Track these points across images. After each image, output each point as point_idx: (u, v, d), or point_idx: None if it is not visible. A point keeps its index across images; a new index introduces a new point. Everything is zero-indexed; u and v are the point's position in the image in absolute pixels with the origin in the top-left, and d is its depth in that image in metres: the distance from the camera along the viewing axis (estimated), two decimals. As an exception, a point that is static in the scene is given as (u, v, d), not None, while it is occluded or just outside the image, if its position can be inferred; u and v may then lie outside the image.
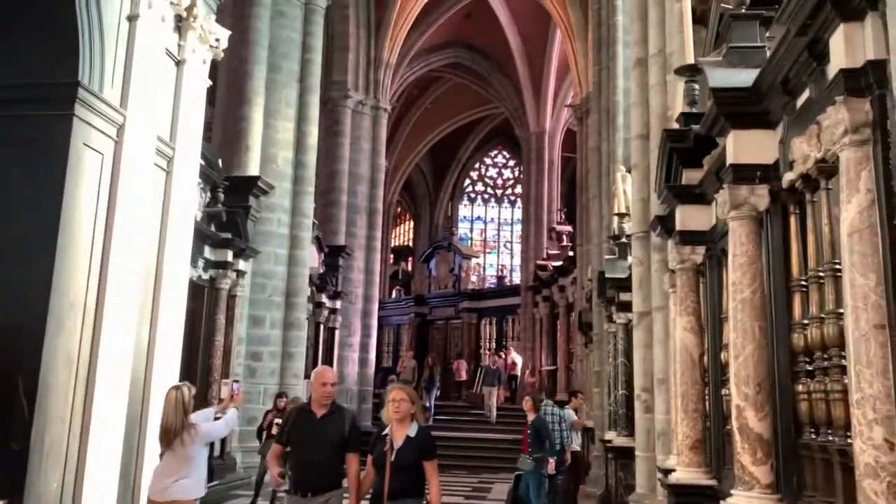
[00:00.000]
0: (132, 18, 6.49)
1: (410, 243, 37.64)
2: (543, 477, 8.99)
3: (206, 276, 10.80)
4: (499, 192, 37.98)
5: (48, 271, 5.45)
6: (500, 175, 38.06)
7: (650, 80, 6.76)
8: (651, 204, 6.41)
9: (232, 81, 13.35)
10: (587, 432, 12.38)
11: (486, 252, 36.67)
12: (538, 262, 23.96)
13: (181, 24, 7.37)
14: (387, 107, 21.88)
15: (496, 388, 20.60)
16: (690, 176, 4.44)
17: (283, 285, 13.55)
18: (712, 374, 4.28)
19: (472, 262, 28.78)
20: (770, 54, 3.20)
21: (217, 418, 5.77)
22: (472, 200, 37.92)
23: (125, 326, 6.29)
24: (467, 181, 37.75)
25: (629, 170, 8.03)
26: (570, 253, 20.54)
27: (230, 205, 11.45)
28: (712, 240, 4.28)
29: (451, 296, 26.89)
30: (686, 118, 4.56)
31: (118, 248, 6.15)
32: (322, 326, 17.13)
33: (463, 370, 24.10)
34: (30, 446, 5.25)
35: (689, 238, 4.44)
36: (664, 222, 4.98)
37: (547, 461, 9.07)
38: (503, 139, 34.61)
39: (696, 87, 4.60)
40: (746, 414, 3.19)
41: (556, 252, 23.95)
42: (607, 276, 9.14)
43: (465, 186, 37.75)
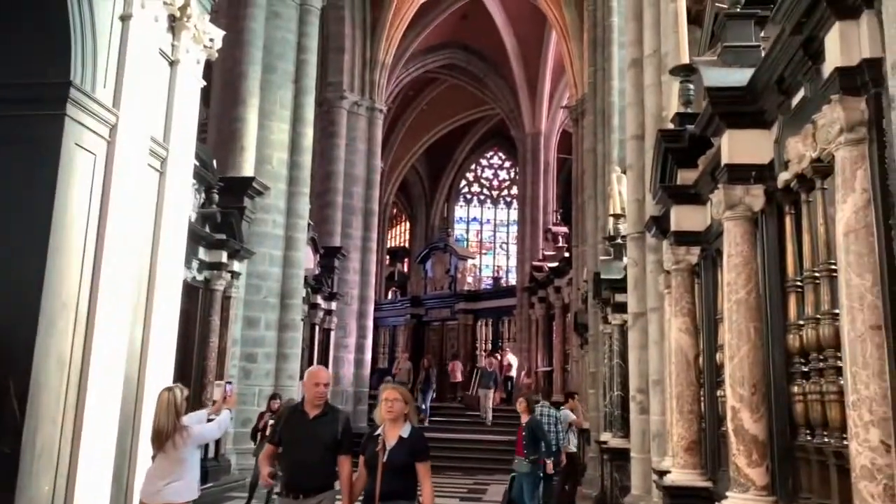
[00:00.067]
0: (125, 18, 6.46)
1: (406, 244, 37.65)
2: (539, 479, 8.97)
3: (200, 277, 10.77)
4: (494, 193, 37.99)
5: (40, 272, 5.42)
6: (496, 176, 38.08)
7: (645, 80, 6.75)
8: (646, 205, 6.39)
9: (227, 82, 13.32)
10: (583, 433, 12.38)
11: (482, 253, 36.65)
12: (534, 263, 23.98)
13: (175, 24, 7.34)
14: (382, 108, 21.88)
15: (492, 390, 20.56)
16: (685, 176, 4.41)
17: (278, 286, 13.53)
18: (707, 376, 4.26)
19: (468, 263, 28.73)
20: (765, 53, 3.18)
21: (210, 420, 5.75)
22: (468, 201, 37.93)
23: (118, 327, 6.26)
24: (463, 182, 37.76)
25: (624, 170, 8.02)
26: (566, 254, 20.55)
27: (225, 206, 11.42)
28: (707, 240, 4.26)
29: (447, 297, 26.85)
30: (681, 118, 4.53)
31: (111, 248, 6.11)
32: (317, 328, 17.11)
33: (458, 371, 24.04)
34: (21, 448, 5.21)
35: (684, 239, 4.41)
36: (659, 223, 4.96)
37: (544, 463, 9.05)
38: (499, 140, 34.60)
39: (691, 87, 4.58)
40: (742, 415, 3.17)
41: (552, 253, 23.97)
42: (603, 277, 9.12)
43: (461, 187, 37.76)
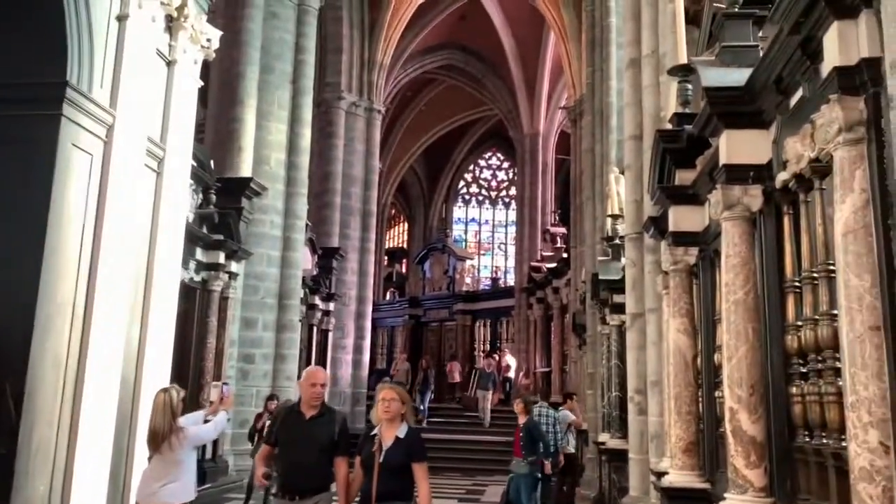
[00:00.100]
0: (122, 18, 6.45)
1: (405, 245, 37.63)
2: (537, 480, 8.96)
3: (197, 277, 10.75)
4: (493, 193, 37.98)
5: (36, 272, 5.41)
6: (495, 177, 38.07)
7: (643, 80, 6.73)
8: (644, 205, 6.38)
9: (224, 82, 13.31)
10: (581, 434, 12.37)
11: (481, 254, 36.65)
12: (532, 263, 23.97)
13: (172, 24, 7.33)
14: (381, 108, 21.86)
15: (490, 391, 20.51)
16: (683, 177, 4.40)
17: (275, 287, 13.50)
18: (706, 376, 4.24)
19: (467, 263, 28.71)
20: (763, 53, 3.17)
21: (207, 421, 5.73)
22: (467, 202, 37.93)
23: (115, 328, 6.24)
24: (461, 183, 37.74)
25: (622, 171, 8.01)
26: (564, 255, 20.53)
27: (222, 206, 11.41)
28: (705, 241, 4.25)
29: (446, 298, 26.82)
30: (679, 119, 4.52)
31: (108, 249, 6.10)
32: (315, 328, 17.08)
33: (456, 372, 24.01)
34: (16, 448, 5.21)
35: (682, 239, 4.40)
36: (657, 223, 4.95)
37: (542, 464, 9.04)
38: (497, 141, 34.58)
39: (689, 87, 4.56)
40: (740, 416, 3.16)
41: (550, 254, 23.96)
42: (601, 277, 9.12)
43: (460, 188, 37.75)
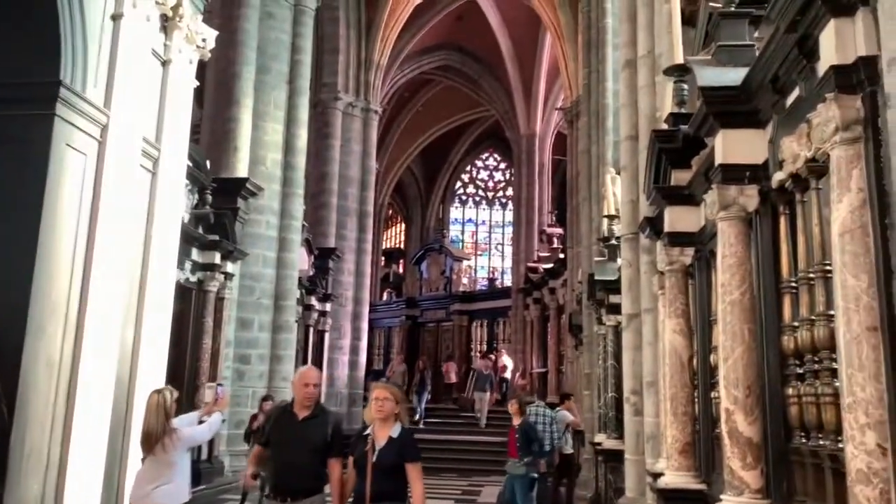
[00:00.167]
0: (116, 17, 6.42)
1: (401, 246, 37.60)
2: (533, 480, 8.95)
3: (193, 278, 10.71)
4: (490, 194, 37.99)
5: (29, 273, 5.37)
6: (491, 178, 38.08)
7: (639, 81, 6.72)
8: (640, 206, 6.36)
9: (220, 82, 13.26)
10: (577, 435, 12.35)
11: (477, 254, 36.66)
12: (529, 264, 23.95)
13: (167, 23, 7.30)
14: (377, 109, 21.83)
15: (488, 393, 20.45)
16: (679, 177, 4.39)
17: (271, 288, 13.47)
18: (702, 377, 4.23)
19: (464, 264, 28.72)
20: (759, 52, 3.15)
21: (201, 422, 5.70)
22: (464, 203, 37.92)
23: (109, 329, 6.21)
24: (458, 184, 37.74)
25: (618, 172, 7.99)
26: (561, 255, 20.51)
27: (218, 207, 11.36)
28: (701, 241, 4.24)
29: (442, 298, 26.80)
30: (675, 119, 4.50)
31: (102, 249, 6.07)
32: (311, 329, 17.06)
33: (453, 372, 23.96)
34: (9, 449, 5.17)
35: (677, 239, 4.39)
36: (653, 224, 4.93)
37: (539, 463, 9.03)
38: (494, 142, 34.59)
39: (685, 87, 4.55)
40: (736, 417, 3.14)
41: (547, 254, 23.94)
42: (597, 278, 9.11)
43: (457, 189, 37.74)
